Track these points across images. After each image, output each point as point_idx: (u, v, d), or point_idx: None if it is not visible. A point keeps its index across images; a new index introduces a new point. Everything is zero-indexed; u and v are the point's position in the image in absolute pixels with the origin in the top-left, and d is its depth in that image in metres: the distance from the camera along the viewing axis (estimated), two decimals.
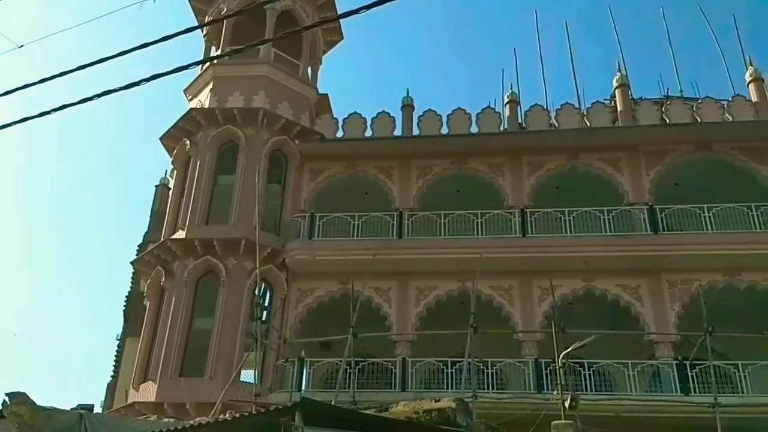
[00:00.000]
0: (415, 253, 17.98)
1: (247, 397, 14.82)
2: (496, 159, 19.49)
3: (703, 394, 14.57)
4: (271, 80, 20.97)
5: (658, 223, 17.71)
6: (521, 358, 16.76)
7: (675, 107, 19.70)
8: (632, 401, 15.08)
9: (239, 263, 18.09)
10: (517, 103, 20.58)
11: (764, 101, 19.19)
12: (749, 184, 18.16)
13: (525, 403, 14.18)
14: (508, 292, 17.82)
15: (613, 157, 19.06)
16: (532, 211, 18.37)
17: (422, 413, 7.94)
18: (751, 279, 16.95)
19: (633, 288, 17.40)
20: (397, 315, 17.88)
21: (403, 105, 20.85)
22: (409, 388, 16.48)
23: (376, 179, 19.85)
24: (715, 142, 18.62)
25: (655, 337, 16.54)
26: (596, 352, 15.63)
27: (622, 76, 20.51)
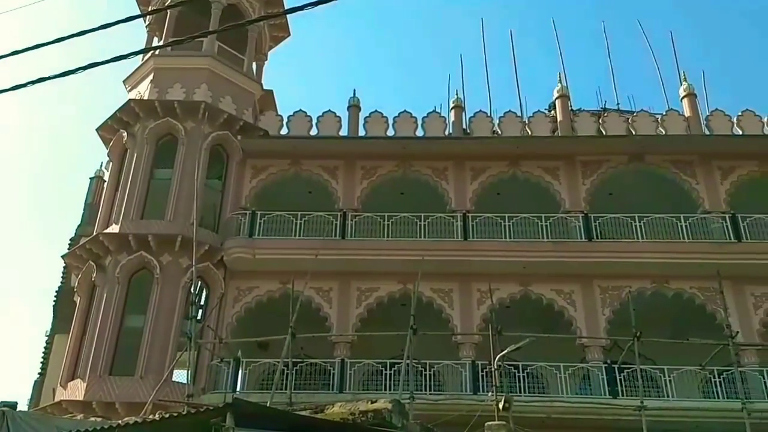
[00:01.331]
0: (358, 254, 17.92)
1: (179, 397, 14.47)
2: (441, 163, 19.63)
3: (630, 397, 15.02)
4: (214, 74, 20.55)
5: (593, 231, 18.19)
6: (459, 360, 16.92)
7: (611, 119, 20.31)
8: (563, 403, 15.42)
9: (174, 260, 17.63)
10: (462, 109, 20.81)
11: (696, 116, 19.98)
12: (679, 196, 18.87)
13: (460, 404, 14.33)
14: (448, 295, 17.97)
15: (552, 166, 19.48)
16: (473, 216, 18.58)
17: (358, 414, 7.88)
18: (678, 286, 17.59)
19: (567, 293, 17.82)
20: (337, 316, 17.77)
21: (349, 105, 20.77)
22: (347, 389, 16.40)
23: (320, 178, 19.70)
24: (648, 154, 19.26)
25: (587, 340, 16.97)
26: (530, 354, 15.93)
27: (562, 87, 20.99)
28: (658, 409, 14.43)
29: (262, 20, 21.08)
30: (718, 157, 19.13)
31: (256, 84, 21.72)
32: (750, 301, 17.31)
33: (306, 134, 20.15)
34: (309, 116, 20.43)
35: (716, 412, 15.13)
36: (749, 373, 16.05)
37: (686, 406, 15.55)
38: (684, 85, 20.70)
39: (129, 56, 5.73)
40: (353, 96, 20.88)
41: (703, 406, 15.63)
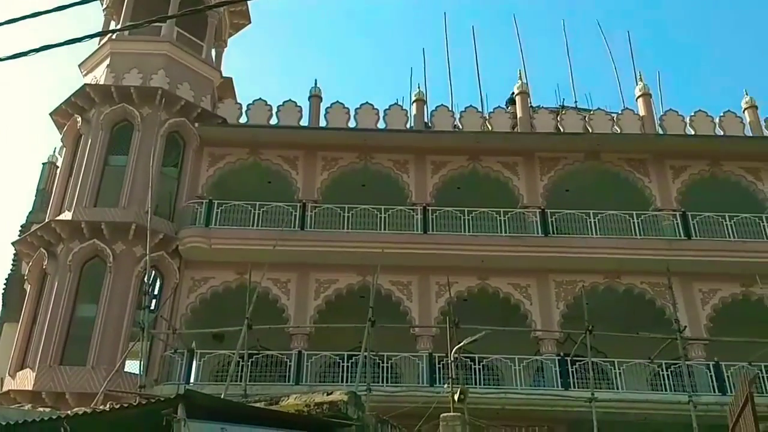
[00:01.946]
0: (317, 246, 17.83)
1: (132, 388, 14.22)
2: (402, 156, 19.65)
3: (581, 389, 15.34)
4: (172, 59, 20.16)
5: (549, 226, 18.46)
6: (416, 353, 17.00)
7: (569, 117, 20.61)
8: (517, 395, 15.67)
9: (128, 249, 17.30)
10: (423, 102, 20.83)
11: (651, 116, 20.42)
12: (632, 193, 19.29)
13: (417, 396, 14.42)
14: (407, 288, 18.03)
15: (511, 161, 19.69)
16: (433, 209, 18.67)
17: (313, 406, 7.86)
18: (629, 282, 18.01)
19: (523, 287, 18.07)
20: (295, 307, 17.67)
21: (310, 95, 20.58)
22: (303, 381, 16.34)
23: (280, 168, 19.50)
24: (603, 152, 19.62)
25: (541, 334, 17.26)
26: (487, 347, 16.11)
27: (522, 83, 21.19)
28: (608, 400, 14.78)
29: (222, 6, 20.75)
30: (671, 157, 19.61)
31: (215, 71, 21.37)
32: (698, 297, 17.83)
33: (265, 123, 19.90)
34: (269, 105, 20.19)
35: (664, 404, 15.57)
36: (696, 366, 16.56)
37: (635, 398, 15.96)
38: (640, 84, 21.13)
39: (84, 39, 5.57)
40: (314, 86, 20.71)
41: (651, 398, 16.07)
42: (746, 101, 20.61)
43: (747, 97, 20.68)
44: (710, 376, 16.55)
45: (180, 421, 6.36)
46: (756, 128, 20.07)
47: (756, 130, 20.05)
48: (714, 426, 11.39)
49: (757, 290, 16.46)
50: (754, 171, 19.46)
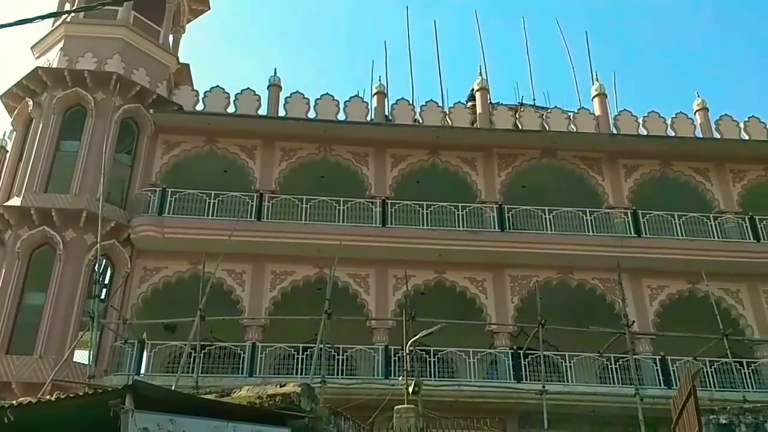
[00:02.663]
0: (274, 237, 17.65)
1: (80, 378, 13.93)
2: (362, 148, 19.60)
3: (533, 382, 15.64)
4: (128, 44, 19.70)
5: (506, 222, 18.70)
6: (372, 345, 17.04)
7: (527, 114, 20.87)
8: (471, 387, 15.84)
9: (79, 236, 16.88)
10: (384, 95, 20.81)
11: (606, 115, 20.83)
12: (586, 191, 19.66)
13: (372, 388, 14.46)
14: (364, 280, 18.03)
15: (470, 157, 19.84)
16: (392, 203, 18.69)
17: (266, 398, 7.82)
18: (581, 277, 18.38)
19: (479, 281, 18.26)
20: (250, 299, 17.49)
21: (270, 84, 20.32)
22: (257, 373, 16.21)
23: (237, 158, 19.25)
24: (559, 150, 19.95)
25: (495, 327, 17.49)
26: (442, 340, 16.26)
27: (482, 80, 21.36)
28: (558, 393, 15.09)
29: None
30: (624, 156, 20.06)
31: (171, 57, 20.94)
32: (646, 293, 18.31)
33: (223, 111, 19.59)
34: (227, 93, 19.85)
35: (611, 396, 15.93)
36: (643, 360, 17.02)
37: (584, 390, 16.32)
38: (596, 85, 21.53)
39: (35, 20, 5.39)
40: (274, 75, 20.47)
41: (599, 391, 16.44)
42: (698, 103, 21.21)
43: (699, 99, 21.29)
44: (656, 370, 17.03)
45: (127, 412, 6.26)
46: (706, 130, 20.68)
47: (706, 132, 20.65)
48: (659, 418, 11.79)
49: (702, 287, 17.01)
50: (702, 172, 20.05)
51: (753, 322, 18.01)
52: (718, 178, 19.97)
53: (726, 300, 18.07)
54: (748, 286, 18.46)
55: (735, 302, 18.22)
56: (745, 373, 16.74)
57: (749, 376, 16.89)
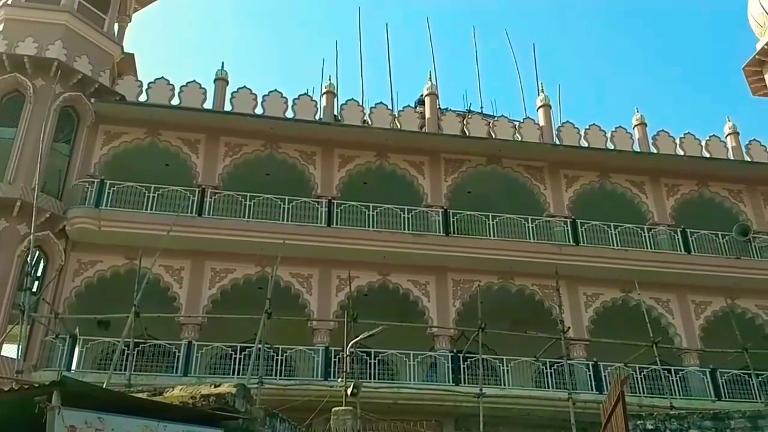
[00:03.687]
0: (215, 233, 17.32)
1: (8, 373, 13.39)
2: (309, 147, 19.44)
3: (471, 385, 15.82)
4: (71, 30, 19.02)
5: (450, 226, 18.90)
6: (313, 346, 16.93)
7: (475, 121, 21.15)
8: (409, 389, 15.93)
9: (12, 226, 16.20)
10: (334, 95, 20.71)
11: (549, 126, 21.30)
12: (528, 199, 20.07)
13: (310, 389, 14.38)
14: (307, 280, 17.90)
15: (418, 161, 19.96)
16: (339, 203, 18.62)
17: (199, 398, 7.66)
18: (521, 283, 18.72)
19: (423, 284, 18.38)
20: (187, 296, 17.11)
21: (216, 78, 19.91)
22: (192, 372, 15.88)
23: (180, 151, 18.82)
24: (504, 158, 20.28)
25: (437, 330, 17.64)
26: (384, 342, 16.30)
27: (432, 85, 21.53)
28: (495, 396, 15.30)
29: None
30: (565, 166, 20.55)
31: (116, 46, 20.31)
32: (582, 300, 18.81)
33: (167, 103, 19.11)
34: (171, 85, 19.36)
35: (545, 400, 16.32)
36: (577, 365, 17.46)
37: (519, 394, 16.62)
38: (541, 96, 22.01)
39: None
40: (221, 69, 20.06)
41: (534, 394, 16.78)
42: (636, 118, 21.94)
43: (638, 114, 22.02)
44: (589, 375, 17.51)
45: (54, 409, 6.04)
46: (643, 144, 21.39)
47: (643, 146, 21.37)
48: (591, 422, 12.08)
49: (635, 296, 17.59)
50: (639, 185, 20.73)
51: (681, 331, 18.71)
52: (653, 192, 20.69)
53: (656, 309, 18.73)
54: (677, 295, 19.18)
55: (665, 311, 18.90)
56: (673, 380, 17.40)
57: (677, 383, 17.56)
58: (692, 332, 18.72)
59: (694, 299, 19.20)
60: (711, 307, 19.02)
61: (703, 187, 20.99)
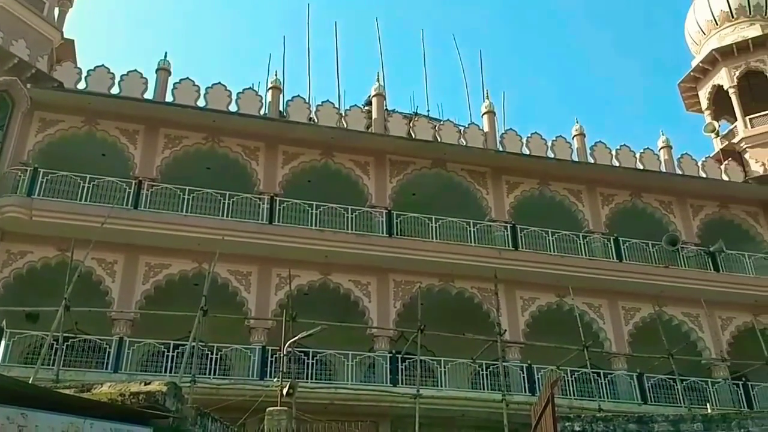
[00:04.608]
0: (151, 227, 16.85)
1: None
2: (252, 143, 19.16)
3: (408, 386, 15.92)
4: (8, 13, 18.28)
5: (394, 227, 18.97)
6: (249, 345, 16.69)
7: (421, 124, 21.30)
8: (346, 390, 15.91)
9: None
10: (280, 91, 20.46)
11: (493, 132, 21.65)
12: (471, 203, 20.35)
13: (245, 389, 14.18)
14: (246, 278, 17.64)
15: (363, 161, 19.96)
16: (281, 200, 18.43)
17: (128, 396, 7.45)
18: (461, 285, 18.95)
19: (364, 284, 18.38)
20: (120, 291, 16.62)
21: (158, 68, 19.39)
22: (123, 369, 15.43)
23: (117, 141, 18.25)
24: (449, 162, 20.50)
25: (376, 331, 17.66)
26: (323, 342, 16.25)
27: (380, 86, 21.57)
28: (431, 397, 15.47)
29: None
30: (507, 173, 20.94)
31: (55, 31, 19.57)
32: (519, 304, 19.20)
33: (106, 92, 18.49)
34: (112, 73, 18.72)
35: (480, 401, 16.59)
36: (512, 367, 17.82)
37: (455, 395, 16.84)
38: (486, 102, 22.36)
39: None
40: (164, 59, 19.55)
41: (469, 396, 17.03)
42: (576, 129, 22.55)
43: (577, 125, 22.64)
44: (523, 377, 17.88)
45: None
46: (581, 154, 22.01)
47: (581, 156, 21.98)
48: (523, 424, 12.34)
49: (569, 301, 18.08)
50: (576, 193, 21.31)
51: (611, 336, 19.33)
52: (589, 200, 21.30)
53: (589, 314, 19.30)
54: (609, 301, 19.80)
55: (597, 316, 19.49)
56: (602, 384, 17.95)
57: (605, 387, 18.12)
58: (621, 337, 19.36)
59: (624, 305, 19.87)
60: (640, 313, 19.72)
61: (636, 197, 21.75)
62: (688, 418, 9.70)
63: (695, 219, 21.97)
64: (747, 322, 19.80)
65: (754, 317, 19.55)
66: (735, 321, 20.24)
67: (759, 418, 10.41)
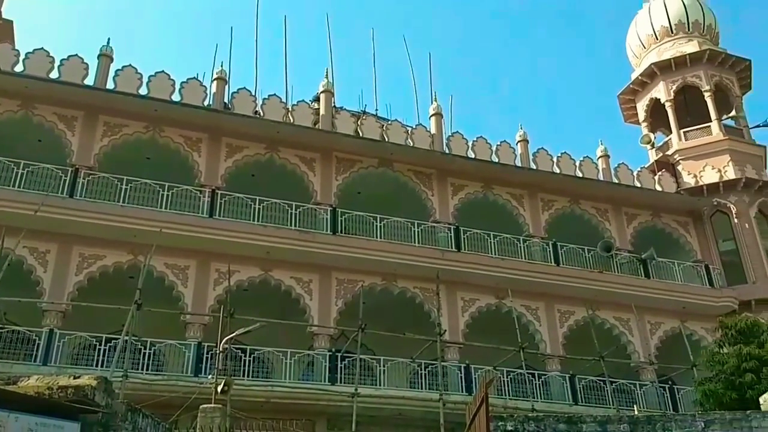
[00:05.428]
0: (86, 216, 16.26)
1: None
2: (195, 134, 18.75)
3: (347, 384, 15.92)
4: None
5: (338, 225, 18.90)
6: (185, 341, 16.34)
7: (369, 123, 21.30)
8: (283, 388, 15.78)
9: None
10: (225, 82, 20.07)
11: (440, 134, 21.86)
12: (416, 203, 20.48)
13: (178, 385, 13.89)
14: (183, 272, 17.26)
15: (309, 157, 19.80)
16: (223, 194, 18.12)
17: (56, 389, 7.18)
18: (403, 285, 19.04)
19: (306, 282, 18.23)
20: (52, 281, 16.02)
21: (100, 54, 18.75)
22: (53, 362, 14.89)
23: (55, 128, 17.58)
24: (395, 162, 20.58)
25: (317, 329, 17.56)
26: (262, 339, 16.06)
27: (328, 82, 21.45)
28: (369, 396, 15.53)
29: None
30: (452, 175, 21.18)
31: None
32: (459, 304, 19.43)
33: (45, 76, 17.77)
34: (51, 57, 17.99)
35: (418, 401, 16.74)
36: (450, 367, 18.03)
37: (393, 394, 16.93)
38: (434, 104, 22.56)
39: None
40: (106, 45, 18.90)
41: (407, 395, 17.14)
42: (520, 135, 23.00)
43: (521, 131, 23.09)
44: (461, 377, 18.12)
45: None
46: (524, 160, 22.46)
47: (524, 161, 22.43)
48: (459, 423, 12.52)
49: (508, 303, 18.45)
50: (518, 198, 21.71)
51: (547, 338, 19.80)
52: (530, 205, 21.75)
53: (526, 316, 19.70)
54: (545, 304, 20.28)
55: (533, 318, 19.93)
56: (536, 384, 18.39)
57: (539, 387, 18.57)
58: (556, 339, 19.85)
59: (560, 308, 20.37)
60: (574, 316, 20.26)
61: (575, 204, 22.35)
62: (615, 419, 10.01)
63: (629, 227, 22.73)
64: (674, 328, 20.62)
65: (681, 323, 20.39)
66: (663, 326, 21.04)
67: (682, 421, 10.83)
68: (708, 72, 25.83)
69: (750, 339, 15.03)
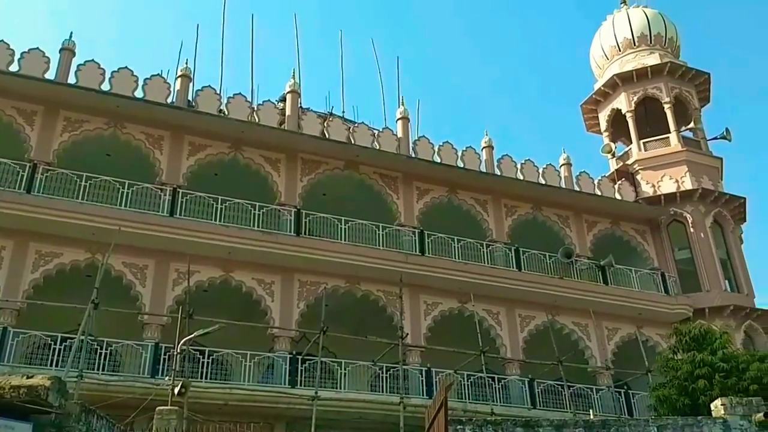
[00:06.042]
0: (43, 213, 15.87)
1: None
2: (157, 131, 18.45)
3: (307, 387, 15.84)
4: None
5: (302, 227, 18.81)
6: (142, 341, 16.06)
7: (335, 125, 21.26)
8: (242, 391, 15.62)
9: None
10: (189, 80, 19.81)
11: (407, 138, 21.93)
12: (381, 206, 20.52)
13: (134, 386, 13.66)
14: (142, 271, 16.97)
15: (274, 157, 19.66)
16: (185, 192, 17.87)
17: (8, 389, 7.05)
18: (367, 288, 19.01)
19: (268, 283, 18.08)
20: (7, 279, 15.62)
21: (62, 48, 18.33)
22: (6, 361, 14.51)
23: (13, 122, 17.12)
24: (361, 164, 20.58)
25: (278, 331, 17.42)
26: (221, 340, 15.88)
27: (295, 83, 21.35)
28: (329, 399, 15.48)
29: None
30: (418, 179, 21.27)
31: None
32: (422, 308, 19.51)
33: (4, 69, 17.28)
34: (11, 50, 17.46)
35: (378, 404, 16.74)
36: (411, 371, 18.09)
37: (354, 397, 16.91)
38: (401, 108, 22.63)
39: None
40: (69, 39, 18.49)
41: (368, 398, 17.14)
42: (485, 141, 23.23)
43: (486, 137, 23.33)
44: (422, 381, 18.19)
45: None
46: (489, 166, 22.70)
47: (489, 167, 22.66)
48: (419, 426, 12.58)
49: (470, 307, 18.61)
50: (482, 203, 21.89)
51: (507, 342, 20.01)
52: (494, 211, 21.98)
53: (488, 320, 19.89)
54: (506, 309, 20.49)
55: (495, 323, 20.12)
56: (496, 388, 18.57)
57: (499, 391, 18.75)
58: (516, 343, 20.08)
59: (521, 313, 20.62)
60: (534, 321, 20.52)
61: (537, 210, 22.65)
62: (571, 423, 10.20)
63: (589, 234, 23.14)
64: (631, 333, 21.05)
65: (637, 329, 20.84)
66: (620, 332, 21.45)
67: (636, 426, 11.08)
68: (668, 84, 26.47)
69: (703, 346, 15.42)
